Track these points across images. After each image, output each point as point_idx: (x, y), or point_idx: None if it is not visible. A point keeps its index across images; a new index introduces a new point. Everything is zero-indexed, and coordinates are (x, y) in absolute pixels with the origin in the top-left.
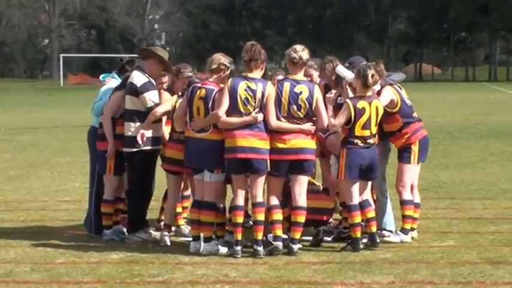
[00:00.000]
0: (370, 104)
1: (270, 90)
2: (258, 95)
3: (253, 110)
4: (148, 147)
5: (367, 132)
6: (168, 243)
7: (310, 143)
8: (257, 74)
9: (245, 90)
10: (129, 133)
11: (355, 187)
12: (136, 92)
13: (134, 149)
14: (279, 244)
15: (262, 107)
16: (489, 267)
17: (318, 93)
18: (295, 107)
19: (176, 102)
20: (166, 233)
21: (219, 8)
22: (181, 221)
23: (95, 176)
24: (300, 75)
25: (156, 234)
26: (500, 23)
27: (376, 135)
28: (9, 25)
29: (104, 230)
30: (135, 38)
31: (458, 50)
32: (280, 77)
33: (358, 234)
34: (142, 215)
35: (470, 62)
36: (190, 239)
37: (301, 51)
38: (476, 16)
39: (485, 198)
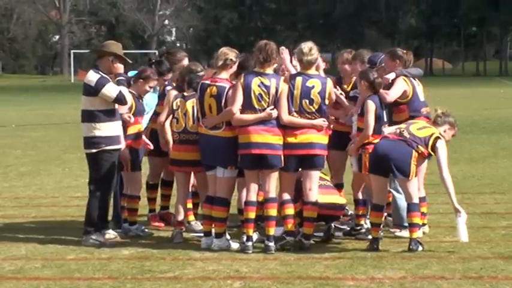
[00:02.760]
0: None
1: (283, 85)
2: (272, 91)
3: (268, 106)
4: (109, 147)
5: None
6: (181, 240)
7: (320, 138)
8: (269, 70)
9: (259, 86)
10: (89, 134)
11: (377, 185)
12: (93, 91)
13: (94, 150)
14: (291, 239)
15: (276, 103)
16: (501, 262)
17: (330, 87)
18: (307, 101)
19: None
20: (179, 230)
21: (230, 3)
22: (192, 217)
23: (118, 175)
24: (312, 70)
25: (114, 235)
26: (511, 17)
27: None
28: (19, 21)
29: (129, 225)
30: (146, 34)
31: (468, 44)
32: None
33: (376, 234)
34: (102, 216)
35: (481, 57)
36: (201, 234)
37: (308, 54)
38: (486, 10)
39: (497, 193)
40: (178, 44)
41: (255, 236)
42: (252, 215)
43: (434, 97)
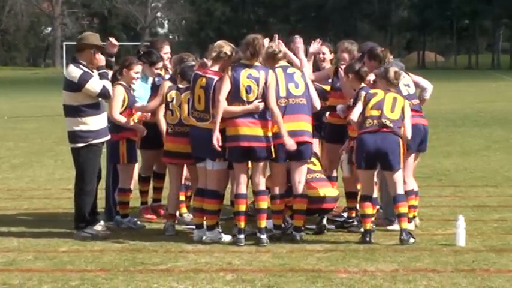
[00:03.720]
0: (385, 93)
1: (272, 78)
2: (261, 83)
3: (256, 98)
4: (95, 141)
5: (375, 112)
6: (173, 233)
7: (306, 126)
8: (257, 62)
9: (247, 77)
10: (74, 128)
11: (367, 177)
12: (76, 87)
13: (79, 144)
14: (278, 232)
15: (264, 95)
16: (493, 255)
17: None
18: (293, 85)
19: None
20: (171, 223)
21: None
22: (184, 209)
23: (110, 167)
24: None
25: (105, 227)
26: (504, 10)
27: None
28: (11, 13)
29: (121, 218)
30: (138, 26)
31: (461, 37)
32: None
33: (368, 226)
34: (91, 209)
35: (473, 50)
36: (193, 227)
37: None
38: (479, 3)
39: (489, 186)
40: (170, 36)
41: (217, 234)
42: (242, 207)
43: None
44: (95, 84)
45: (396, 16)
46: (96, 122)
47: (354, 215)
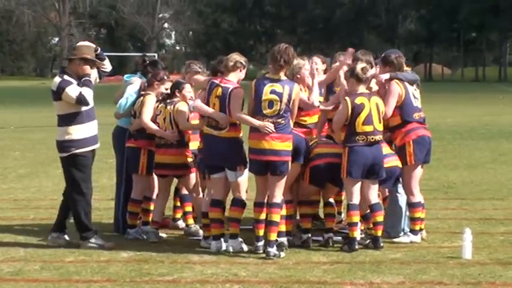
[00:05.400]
0: (369, 100)
1: (296, 94)
2: (285, 99)
3: (278, 113)
4: (80, 150)
5: (368, 128)
6: (156, 240)
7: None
8: (282, 75)
9: (271, 93)
10: (58, 138)
11: (357, 187)
12: (57, 96)
13: (63, 154)
14: (284, 239)
15: (288, 109)
16: (499, 268)
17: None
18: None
19: (157, 106)
20: (154, 229)
21: (230, 6)
22: (191, 220)
23: (123, 177)
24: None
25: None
26: (511, 23)
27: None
28: (19, 23)
29: (128, 229)
30: (145, 37)
31: (468, 50)
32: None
33: (355, 234)
34: (62, 217)
35: (480, 63)
36: (199, 237)
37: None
38: (486, 16)
39: (495, 199)
40: (177, 47)
41: (238, 244)
42: (262, 216)
43: (432, 102)
44: (71, 91)
45: (403, 28)
46: (79, 132)
47: (362, 227)
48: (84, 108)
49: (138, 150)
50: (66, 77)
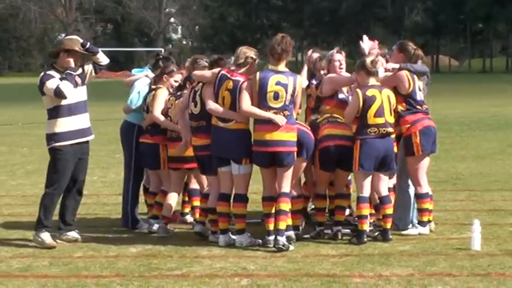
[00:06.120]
0: (380, 92)
1: (300, 85)
2: (290, 90)
3: (284, 104)
4: (56, 144)
5: (380, 120)
6: (164, 235)
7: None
8: (283, 66)
9: (276, 84)
10: (49, 131)
11: (368, 179)
12: (40, 90)
13: (49, 146)
14: (291, 233)
15: (292, 100)
16: (509, 259)
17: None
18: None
19: (169, 99)
20: (163, 225)
21: (236, 0)
22: (188, 210)
23: (131, 171)
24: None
25: (74, 238)
26: None
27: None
28: (25, 20)
29: (151, 219)
30: (152, 31)
31: (475, 41)
32: (316, 55)
33: (365, 227)
34: (62, 215)
35: (487, 54)
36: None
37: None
38: (493, 7)
39: (504, 190)
40: (184, 42)
41: (247, 238)
42: (271, 209)
43: (440, 93)
44: (50, 84)
45: (409, 20)
46: (60, 125)
47: (372, 220)
48: (65, 102)
49: (156, 146)
50: (50, 71)
